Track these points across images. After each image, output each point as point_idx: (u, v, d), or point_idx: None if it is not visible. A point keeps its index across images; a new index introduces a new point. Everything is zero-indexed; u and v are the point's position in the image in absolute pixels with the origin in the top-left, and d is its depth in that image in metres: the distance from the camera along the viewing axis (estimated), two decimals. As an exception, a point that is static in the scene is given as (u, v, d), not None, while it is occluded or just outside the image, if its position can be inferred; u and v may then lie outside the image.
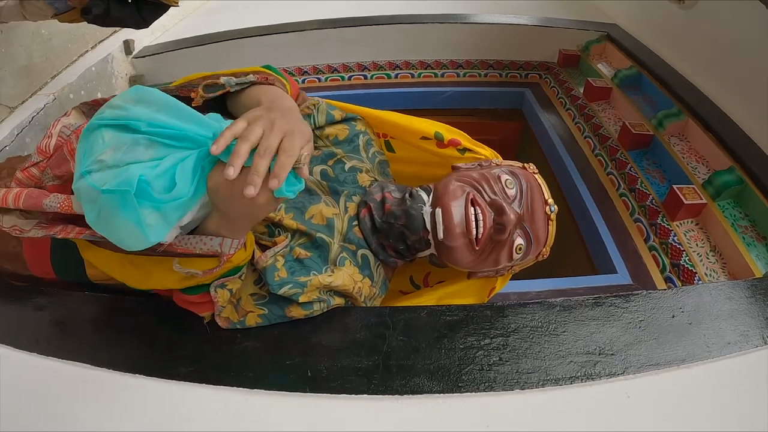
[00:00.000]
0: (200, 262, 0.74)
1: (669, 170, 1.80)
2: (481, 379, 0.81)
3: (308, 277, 0.85)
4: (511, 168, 0.98)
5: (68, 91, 2.38)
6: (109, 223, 0.61)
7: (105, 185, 0.59)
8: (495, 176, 0.93)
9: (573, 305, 0.94)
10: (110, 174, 0.60)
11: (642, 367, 0.86)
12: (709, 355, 0.89)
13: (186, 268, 0.74)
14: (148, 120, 0.63)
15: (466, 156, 1.07)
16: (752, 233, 1.47)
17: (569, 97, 2.46)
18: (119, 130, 0.63)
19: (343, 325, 0.89)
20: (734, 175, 1.55)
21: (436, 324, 0.89)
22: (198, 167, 0.63)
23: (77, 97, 2.43)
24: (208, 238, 0.71)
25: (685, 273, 1.43)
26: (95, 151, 0.63)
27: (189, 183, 0.61)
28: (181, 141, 0.63)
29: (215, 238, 0.71)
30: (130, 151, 0.62)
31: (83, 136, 0.66)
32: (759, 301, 1.01)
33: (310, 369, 0.83)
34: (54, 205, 0.78)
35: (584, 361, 0.85)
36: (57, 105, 2.29)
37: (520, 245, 0.92)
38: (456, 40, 2.75)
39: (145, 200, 0.58)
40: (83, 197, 0.63)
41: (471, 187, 0.92)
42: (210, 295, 0.80)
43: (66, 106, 2.35)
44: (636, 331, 0.91)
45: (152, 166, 0.61)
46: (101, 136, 0.63)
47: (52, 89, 2.32)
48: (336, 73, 2.74)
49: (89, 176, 0.61)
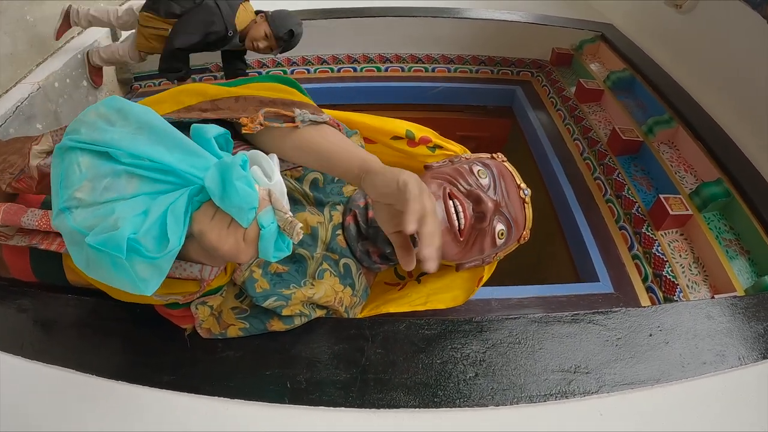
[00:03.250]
0: (179, 284, 0.73)
1: (657, 178, 1.81)
2: (457, 395, 0.82)
3: (291, 290, 0.85)
4: (481, 159, 1.01)
5: (53, 80, 2.32)
6: (100, 272, 0.58)
7: (91, 237, 0.55)
8: (467, 169, 0.96)
9: (551, 321, 0.94)
10: (92, 215, 0.57)
11: (616, 386, 0.87)
12: (684, 375, 0.91)
13: (166, 296, 0.73)
14: (130, 149, 0.59)
15: (437, 153, 1.09)
16: (736, 246, 1.48)
17: (560, 97, 2.45)
18: (97, 157, 0.60)
19: (322, 337, 0.89)
20: (722, 188, 1.56)
21: (414, 338, 0.89)
22: (188, 209, 0.58)
23: (62, 86, 2.37)
24: (189, 264, 0.70)
25: (667, 284, 1.45)
26: (72, 181, 0.59)
27: (181, 230, 0.57)
28: (166, 175, 0.59)
29: (195, 265, 0.70)
30: (111, 184, 0.58)
31: (57, 158, 0.62)
32: (738, 320, 1.02)
33: (290, 380, 0.83)
34: (32, 223, 0.78)
35: (559, 379, 0.86)
36: (41, 94, 2.23)
37: (501, 230, 0.94)
38: (448, 34, 2.72)
39: (137, 256, 0.55)
40: (66, 237, 0.60)
41: (446, 182, 0.93)
42: (188, 309, 0.80)
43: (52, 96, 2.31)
44: (612, 349, 0.92)
45: (139, 214, 0.56)
46: (77, 161, 0.60)
47: (37, 77, 2.26)
48: (325, 64, 2.71)
49: (70, 215, 0.58)
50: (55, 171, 0.62)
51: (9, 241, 0.86)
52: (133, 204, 0.57)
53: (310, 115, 0.74)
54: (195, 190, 0.59)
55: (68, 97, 2.41)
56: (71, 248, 0.60)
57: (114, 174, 0.58)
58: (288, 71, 2.68)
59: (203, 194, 0.59)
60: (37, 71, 2.32)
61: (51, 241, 0.77)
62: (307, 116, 0.74)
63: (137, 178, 0.58)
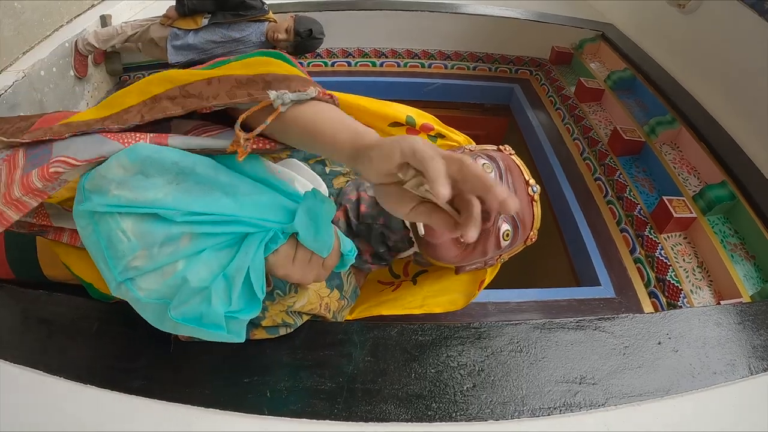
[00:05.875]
0: None
1: (659, 180, 1.76)
2: (453, 408, 0.75)
3: (270, 301, 0.78)
4: (487, 152, 0.92)
5: (39, 68, 2.26)
6: (188, 332, 0.56)
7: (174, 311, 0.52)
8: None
9: (555, 327, 0.88)
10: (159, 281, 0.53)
11: (624, 398, 0.81)
12: (694, 386, 0.85)
13: None
14: (181, 208, 0.53)
15: (439, 143, 1.02)
16: (741, 251, 1.43)
17: (560, 96, 2.40)
18: (143, 220, 0.54)
19: (307, 342, 0.82)
20: (726, 190, 1.51)
21: (407, 344, 0.82)
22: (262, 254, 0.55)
23: (48, 75, 2.31)
24: None
25: (670, 289, 1.39)
26: (122, 251, 0.53)
27: (262, 281, 0.56)
28: (228, 226, 0.54)
29: None
30: (167, 246, 0.53)
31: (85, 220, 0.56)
32: (747, 328, 0.97)
33: (270, 389, 0.76)
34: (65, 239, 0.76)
35: (564, 390, 0.79)
36: (27, 83, 2.17)
37: (507, 231, 0.86)
38: (445, 30, 2.66)
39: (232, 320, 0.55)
40: (134, 304, 0.57)
41: None
42: None
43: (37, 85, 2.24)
44: (619, 358, 0.86)
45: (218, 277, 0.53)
46: (119, 227, 0.53)
47: (23, 65, 2.19)
48: (319, 58, 2.65)
49: (133, 287, 0.54)
50: (91, 238, 0.55)
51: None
52: (199, 263, 0.53)
53: (291, 95, 0.61)
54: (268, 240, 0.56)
55: (54, 86, 2.35)
56: (148, 316, 0.57)
57: (170, 237, 0.53)
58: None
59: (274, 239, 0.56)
60: (23, 59, 2.25)
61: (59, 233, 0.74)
62: (287, 97, 0.60)
63: (196, 236, 0.54)
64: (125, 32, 2.46)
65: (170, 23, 2.39)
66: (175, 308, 0.52)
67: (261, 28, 2.39)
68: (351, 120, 0.61)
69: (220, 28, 2.37)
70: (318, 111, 0.62)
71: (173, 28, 2.39)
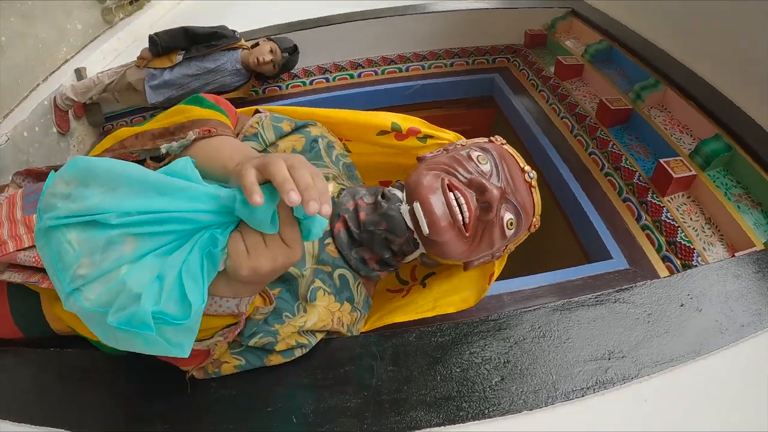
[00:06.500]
0: (216, 320, 0.67)
1: (653, 144, 1.74)
2: (484, 405, 0.73)
3: (280, 324, 0.77)
4: (479, 144, 0.93)
5: (21, 130, 2.26)
6: (127, 345, 0.55)
7: (112, 317, 0.51)
8: (465, 156, 0.87)
9: (574, 306, 0.86)
10: (102, 289, 0.53)
11: (656, 366, 0.79)
12: (725, 342, 0.84)
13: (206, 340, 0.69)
14: (115, 209, 0.53)
15: (429, 143, 1.03)
16: (747, 200, 1.41)
17: (540, 78, 2.39)
18: (85, 229, 0.54)
19: (325, 360, 0.80)
20: (721, 142, 1.49)
21: (427, 348, 0.80)
22: (203, 259, 0.55)
23: (31, 135, 2.31)
24: (225, 300, 0.64)
25: (683, 250, 1.37)
26: (68, 262, 0.54)
27: (201, 287, 0.54)
28: (164, 224, 0.54)
29: (232, 300, 0.64)
30: (108, 252, 0.53)
31: (41, 240, 0.57)
32: (766, 276, 0.95)
33: (295, 414, 0.75)
34: (29, 259, 0.76)
35: (594, 369, 0.77)
36: (11, 146, 2.16)
37: (510, 220, 0.85)
38: (417, 31, 2.65)
39: (165, 326, 0.52)
40: (82, 317, 0.56)
41: (443, 172, 0.85)
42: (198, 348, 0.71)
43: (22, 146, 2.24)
44: (645, 327, 0.84)
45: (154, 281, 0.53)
46: (65, 239, 0.54)
47: (4, 129, 2.19)
48: (297, 78, 2.64)
49: (80, 296, 0.54)
50: (45, 255, 0.57)
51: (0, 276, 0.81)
52: (141, 268, 0.53)
53: (176, 144, 0.73)
54: (207, 242, 0.55)
55: (39, 145, 2.35)
56: (92, 327, 0.56)
57: (110, 241, 0.54)
58: (260, 90, 2.61)
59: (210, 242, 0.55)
60: (4, 123, 2.25)
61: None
62: (173, 146, 0.73)
63: (135, 237, 0.54)
64: (102, 82, 2.46)
65: (146, 64, 2.40)
66: (113, 314, 0.51)
67: (235, 56, 2.40)
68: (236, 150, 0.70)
69: (194, 61, 2.39)
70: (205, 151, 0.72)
71: (149, 69, 2.40)
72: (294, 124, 0.96)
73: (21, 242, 0.78)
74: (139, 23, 3.37)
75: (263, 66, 2.38)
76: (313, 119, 1.02)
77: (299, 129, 0.96)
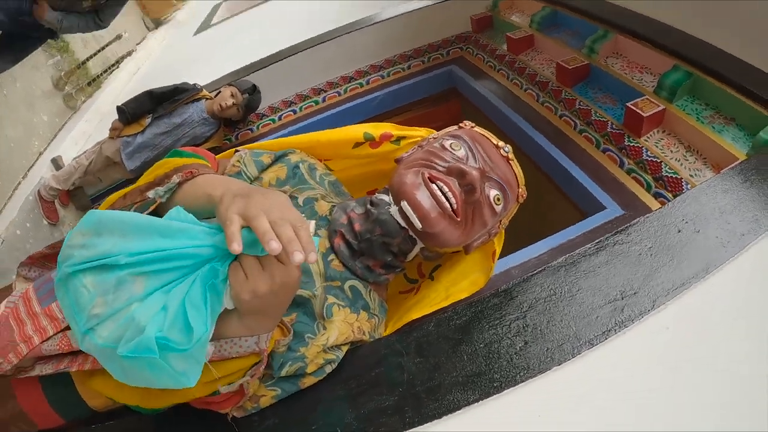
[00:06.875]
0: (239, 363, 0.70)
1: (617, 91, 1.77)
2: (515, 371, 0.75)
3: (305, 347, 0.79)
4: (450, 132, 0.97)
5: (14, 229, 2.30)
6: (139, 377, 0.59)
7: (121, 347, 0.55)
8: (439, 147, 0.90)
9: (577, 259, 0.88)
10: (113, 326, 0.58)
11: (669, 294, 0.81)
12: (729, 254, 0.86)
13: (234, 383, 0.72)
14: (125, 251, 0.59)
15: (403, 145, 1.06)
16: (719, 119, 1.43)
17: (496, 58, 2.43)
18: (98, 272, 0.60)
19: (354, 369, 0.82)
20: (681, 72, 1.53)
21: (448, 332, 0.82)
22: (205, 292, 0.59)
23: (24, 232, 2.34)
24: (243, 340, 0.68)
25: (671, 182, 1.39)
26: (84, 304, 0.59)
27: (204, 316, 0.58)
28: (169, 261, 0.59)
29: (250, 338, 0.68)
30: (120, 291, 0.58)
31: (61, 290, 0.63)
32: (754, 182, 0.98)
33: (339, 426, 0.76)
34: (53, 348, 0.77)
35: (610, 311, 0.79)
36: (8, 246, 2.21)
37: (497, 196, 0.88)
38: (368, 43, 2.71)
39: (169, 352, 0.56)
40: (99, 357, 0.61)
41: (422, 167, 0.87)
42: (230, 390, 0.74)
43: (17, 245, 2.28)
44: (649, 260, 0.86)
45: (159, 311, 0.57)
46: (81, 284, 0.60)
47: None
48: (265, 117, 2.68)
49: (94, 335, 0.58)
50: (64, 303, 0.63)
51: (31, 372, 0.82)
52: (149, 304, 0.58)
53: (161, 189, 0.76)
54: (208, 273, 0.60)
55: (33, 240, 2.40)
56: (107, 365, 0.61)
57: (120, 281, 0.58)
58: (233, 137, 2.66)
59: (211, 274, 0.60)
60: (-5, 226, 2.28)
61: (82, 360, 0.76)
62: (160, 191, 0.76)
63: (143, 276, 0.59)
64: (81, 164, 2.51)
65: (118, 134, 2.46)
66: (122, 345, 0.55)
67: (200, 106, 2.47)
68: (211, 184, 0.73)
69: (163, 119, 2.46)
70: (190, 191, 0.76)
71: (123, 138, 2.45)
72: (273, 156, 0.99)
73: (45, 333, 0.79)
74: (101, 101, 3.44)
75: (228, 111, 2.44)
76: (291, 147, 1.05)
77: (279, 159, 0.99)
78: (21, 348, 0.77)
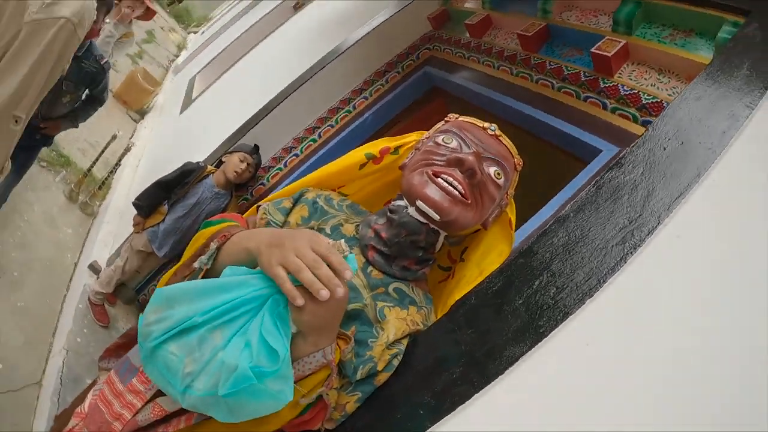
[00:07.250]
0: (315, 378, 0.79)
1: (579, 42, 1.85)
2: (557, 314, 0.83)
3: (370, 350, 0.87)
4: (439, 129, 1.08)
5: (74, 337, 2.43)
6: (244, 411, 0.67)
7: (221, 389, 0.64)
8: (433, 145, 1.01)
9: (581, 204, 0.96)
10: (207, 377, 0.66)
11: (671, 206, 0.88)
12: (716, 154, 0.92)
13: (311, 395, 0.79)
14: (197, 312, 0.68)
15: (402, 152, 1.16)
16: (679, 35, 1.50)
17: (462, 47, 2.53)
18: (179, 337, 0.69)
19: (416, 358, 0.90)
20: (630, 3, 1.60)
21: (488, 299, 0.91)
22: (275, 319, 0.69)
23: (83, 338, 2.48)
24: (312, 356, 0.77)
25: (654, 108, 1.46)
26: (175, 368, 0.68)
27: (281, 338, 0.67)
28: (238, 309, 0.69)
29: (318, 353, 0.77)
30: (204, 347, 0.67)
31: (149, 365, 0.71)
32: (722, 82, 1.04)
33: (420, 407, 0.84)
34: (148, 418, 0.83)
35: (623, 237, 0.87)
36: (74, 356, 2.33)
37: (496, 171, 0.98)
38: (344, 72, 2.84)
39: (265, 377, 0.64)
40: (201, 407, 0.69)
41: (424, 167, 0.97)
42: (317, 405, 0.82)
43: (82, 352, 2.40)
44: (645, 184, 0.93)
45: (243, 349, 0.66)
46: (168, 352, 0.69)
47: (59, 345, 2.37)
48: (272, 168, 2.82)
49: (192, 390, 0.66)
50: (155, 375, 0.71)
51: None
52: (232, 347, 0.66)
53: (204, 257, 0.86)
54: (272, 303, 0.70)
55: (94, 342, 2.52)
56: (211, 411, 0.68)
57: (201, 338, 0.67)
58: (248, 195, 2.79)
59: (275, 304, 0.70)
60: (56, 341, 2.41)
61: (176, 423, 0.81)
62: (203, 259, 0.86)
63: (219, 328, 0.68)
64: (118, 266, 2.67)
65: (143, 227, 2.62)
66: (221, 387, 0.64)
67: (208, 183, 2.61)
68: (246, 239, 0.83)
69: (178, 204, 2.59)
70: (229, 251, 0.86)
71: (148, 229, 2.61)
72: (292, 199, 1.09)
73: (134, 407, 0.84)
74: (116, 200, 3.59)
75: (243, 175, 2.60)
76: (304, 187, 1.15)
77: (298, 200, 1.09)
78: (116, 426, 0.83)
